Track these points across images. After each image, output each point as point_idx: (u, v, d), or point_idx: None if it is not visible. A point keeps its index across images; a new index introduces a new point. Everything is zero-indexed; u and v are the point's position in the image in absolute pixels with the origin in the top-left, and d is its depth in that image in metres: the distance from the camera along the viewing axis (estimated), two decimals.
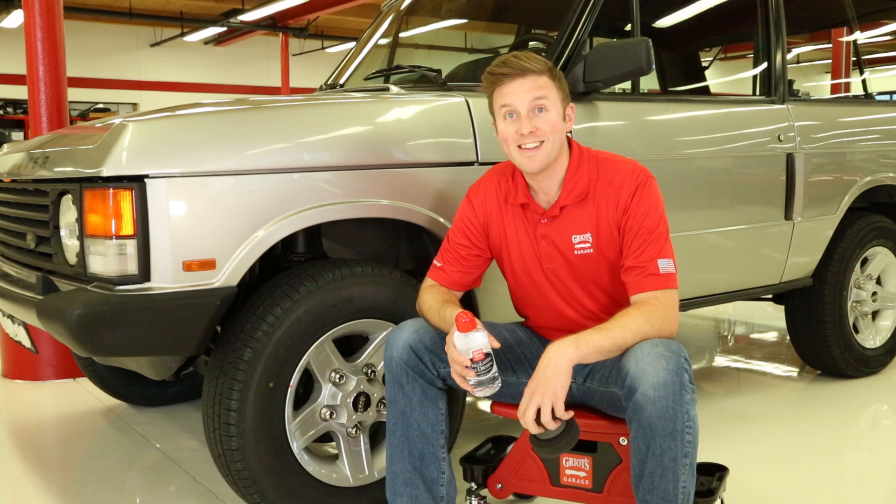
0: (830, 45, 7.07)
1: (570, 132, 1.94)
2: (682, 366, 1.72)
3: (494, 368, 1.81)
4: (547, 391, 1.72)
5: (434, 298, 2.04)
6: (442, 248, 2.14)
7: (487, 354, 1.78)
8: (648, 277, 1.88)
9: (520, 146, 1.92)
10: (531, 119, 1.90)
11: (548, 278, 2.05)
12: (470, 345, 1.77)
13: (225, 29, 16.48)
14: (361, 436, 2.30)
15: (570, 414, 1.77)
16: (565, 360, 1.74)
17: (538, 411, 1.73)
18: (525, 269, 2.07)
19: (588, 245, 1.97)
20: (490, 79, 1.94)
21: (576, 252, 1.99)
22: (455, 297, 2.10)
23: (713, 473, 2.13)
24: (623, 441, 1.95)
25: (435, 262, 2.14)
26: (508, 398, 2.06)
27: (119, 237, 1.95)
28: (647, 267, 1.89)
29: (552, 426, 1.73)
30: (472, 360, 1.77)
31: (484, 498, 2.22)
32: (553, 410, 1.73)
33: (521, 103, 1.90)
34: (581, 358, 1.76)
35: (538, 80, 1.90)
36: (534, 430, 1.75)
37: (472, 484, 2.21)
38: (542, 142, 1.90)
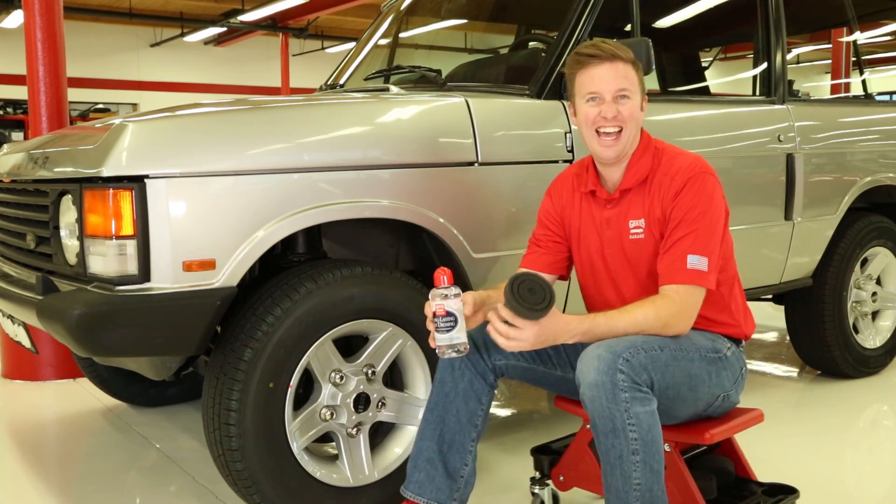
0: (830, 46, 7.06)
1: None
2: (613, 365, 1.73)
3: (455, 334, 1.80)
4: (528, 341, 1.78)
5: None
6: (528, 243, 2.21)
7: (449, 313, 1.79)
8: (675, 271, 1.91)
9: (598, 131, 1.97)
10: (615, 104, 1.95)
11: (606, 264, 2.08)
12: (436, 297, 1.80)
13: (225, 29, 16.46)
14: (361, 436, 2.29)
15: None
16: (563, 335, 1.80)
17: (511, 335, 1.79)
18: (590, 258, 2.11)
19: (641, 231, 2.01)
20: (577, 59, 1.99)
21: (630, 236, 2.03)
22: None
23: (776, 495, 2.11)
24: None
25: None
26: (567, 393, 2.10)
27: (119, 237, 1.95)
28: (677, 260, 1.92)
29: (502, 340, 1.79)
30: (434, 313, 1.80)
31: (548, 485, 2.26)
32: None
33: (608, 89, 1.95)
34: (580, 338, 1.83)
35: (625, 68, 1.96)
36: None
37: (537, 473, 2.27)
38: (622, 129, 1.96)
